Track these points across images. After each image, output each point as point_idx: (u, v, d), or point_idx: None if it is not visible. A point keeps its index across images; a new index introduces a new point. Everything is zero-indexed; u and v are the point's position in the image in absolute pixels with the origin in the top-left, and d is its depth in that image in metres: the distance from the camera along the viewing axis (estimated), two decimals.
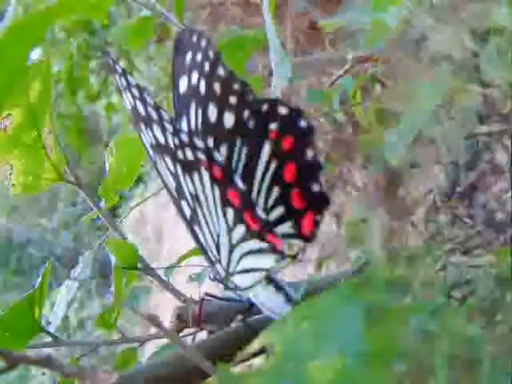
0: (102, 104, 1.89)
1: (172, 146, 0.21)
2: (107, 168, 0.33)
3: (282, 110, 0.23)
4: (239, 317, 0.25)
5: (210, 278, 0.26)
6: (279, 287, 0.23)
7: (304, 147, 0.22)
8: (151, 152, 0.23)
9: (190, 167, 0.22)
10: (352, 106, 0.65)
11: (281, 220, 0.23)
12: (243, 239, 0.22)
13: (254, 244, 0.22)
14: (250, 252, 0.22)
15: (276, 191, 0.23)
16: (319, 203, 0.23)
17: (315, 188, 0.22)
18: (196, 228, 0.24)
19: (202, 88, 0.24)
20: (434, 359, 0.12)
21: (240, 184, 0.21)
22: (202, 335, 0.26)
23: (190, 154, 0.21)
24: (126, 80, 0.22)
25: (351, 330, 0.14)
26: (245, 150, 0.24)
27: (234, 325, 0.26)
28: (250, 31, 0.49)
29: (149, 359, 0.28)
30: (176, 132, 0.21)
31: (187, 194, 0.23)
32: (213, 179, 0.21)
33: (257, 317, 0.26)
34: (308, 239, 0.23)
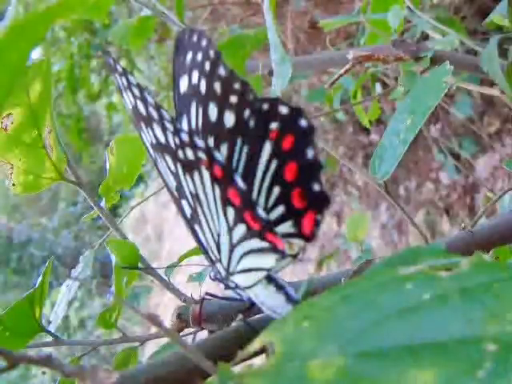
0: (103, 103, 1.90)
1: (172, 145, 0.21)
2: (108, 167, 0.33)
3: (283, 110, 0.23)
4: (240, 316, 0.25)
5: (210, 277, 0.26)
6: (280, 286, 0.23)
7: (305, 146, 0.22)
8: (152, 151, 0.23)
9: (190, 166, 0.22)
10: (353, 106, 0.65)
11: (281, 219, 0.23)
12: (244, 238, 0.22)
13: (255, 243, 0.22)
14: (251, 251, 0.22)
15: (276, 190, 0.23)
16: (320, 202, 0.23)
17: (316, 187, 0.22)
18: (196, 227, 0.24)
19: (203, 87, 0.24)
20: None
21: (240, 183, 0.21)
22: (203, 335, 0.26)
23: (190, 154, 0.21)
24: (127, 79, 0.22)
25: (352, 329, 0.14)
26: (245, 150, 0.24)
27: (234, 324, 0.26)
28: (251, 30, 0.49)
29: (149, 359, 0.28)
30: (176, 131, 0.21)
31: (188, 194, 0.23)
32: (213, 178, 0.21)
33: (257, 316, 0.26)
34: (308, 238, 0.23)
